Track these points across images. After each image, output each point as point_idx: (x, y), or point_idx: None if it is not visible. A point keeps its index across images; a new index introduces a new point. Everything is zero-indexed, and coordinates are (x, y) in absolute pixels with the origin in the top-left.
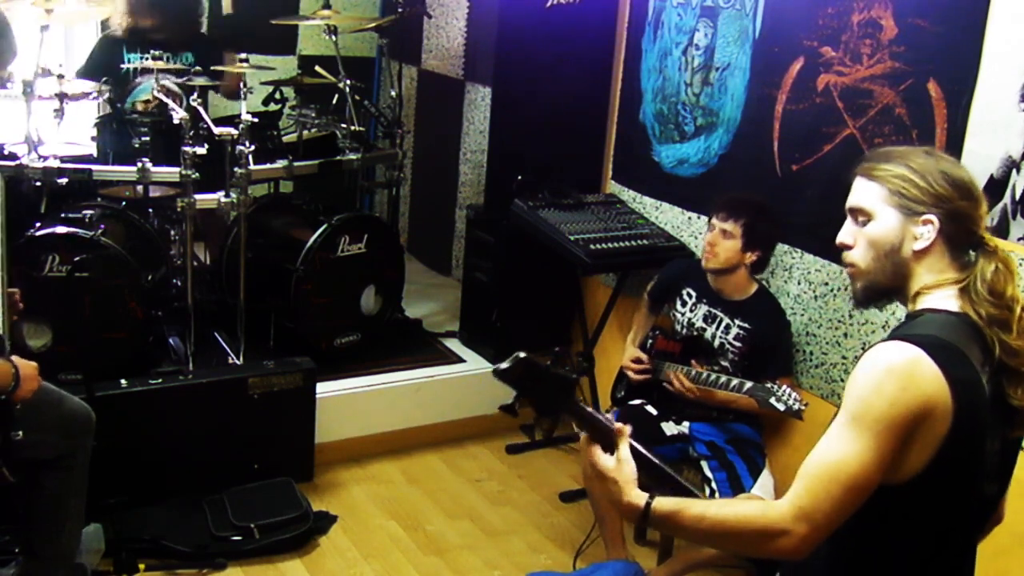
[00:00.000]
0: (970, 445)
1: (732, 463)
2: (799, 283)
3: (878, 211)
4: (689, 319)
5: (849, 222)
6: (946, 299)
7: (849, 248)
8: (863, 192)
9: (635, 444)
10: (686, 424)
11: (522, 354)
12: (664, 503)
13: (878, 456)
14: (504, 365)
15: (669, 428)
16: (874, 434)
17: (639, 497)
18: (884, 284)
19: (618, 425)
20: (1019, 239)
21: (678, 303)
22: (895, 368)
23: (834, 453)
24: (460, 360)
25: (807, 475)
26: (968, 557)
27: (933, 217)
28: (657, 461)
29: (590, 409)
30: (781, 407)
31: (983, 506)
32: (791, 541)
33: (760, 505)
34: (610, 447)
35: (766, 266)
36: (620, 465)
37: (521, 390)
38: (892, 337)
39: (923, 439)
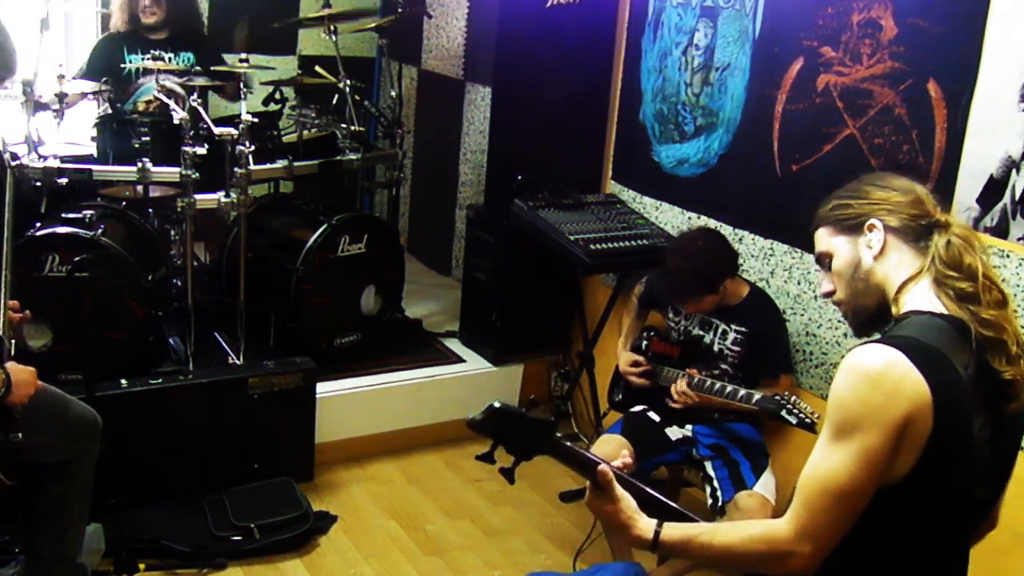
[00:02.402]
0: (954, 447)
1: (736, 460)
2: (799, 283)
3: (832, 246)
4: (685, 327)
5: (823, 273)
6: (924, 294)
7: (832, 294)
8: (818, 240)
9: (623, 476)
10: (689, 427)
11: (496, 404)
12: (672, 533)
13: (867, 464)
14: (478, 416)
15: (674, 433)
16: (860, 442)
17: (646, 529)
18: (868, 303)
19: (601, 467)
20: (1019, 239)
21: (670, 311)
22: (873, 373)
23: (825, 467)
24: (460, 360)
25: (802, 491)
26: (959, 560)
27: (874, 221)
28: (648, 489)
29: (571, 445)
30: (793, 420)
31: (975, 509)
32: (799, 561)
33: (762, 527)
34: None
35: (738, 264)
36: (618, 504)
37: (497, 439)
38: (875, 339)
39: (908, 442)
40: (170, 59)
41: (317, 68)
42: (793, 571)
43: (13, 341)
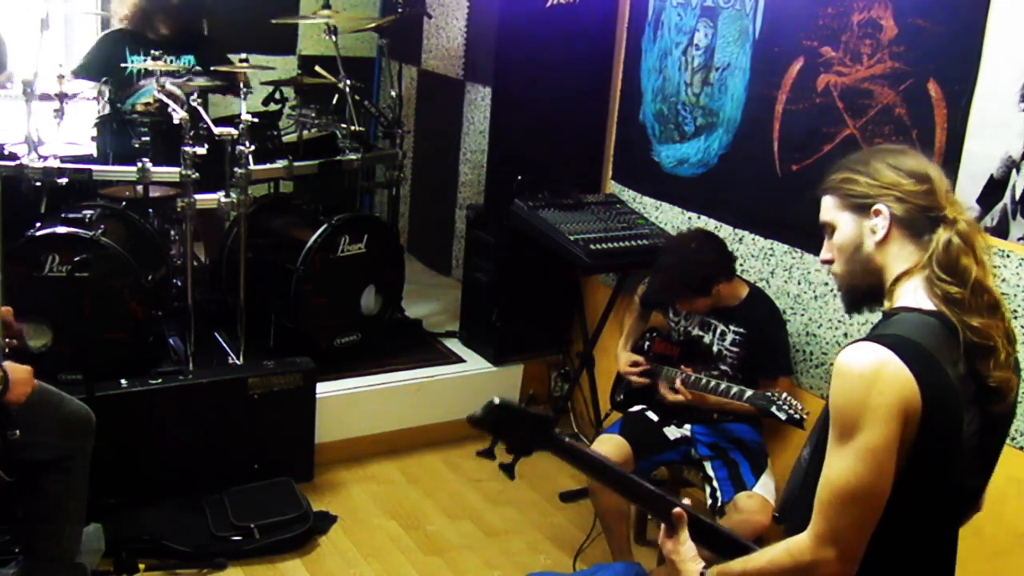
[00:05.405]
0: (944, 445)
1: (735, 461)
2: (799, 283)
3: (837, 219)
4: (685, 328)
5: (826, 239)
6: (916, 291)
7: (831, 263)
8: (824, 208)
9: (693, 513)
10: (688, 426)
11: (496, 400)
12: (712, 572)
13: (872, 461)
14: (478, 413)
15: (672, 432)
16: (861, 441)
17: (694, 572)
18: (860, 284)
19: (677, 510)
20: (1019, 239)
21: (670, 312)
22: (866, 373)
23: (833, 471)
24: (460, 360)
25: (817, 500)
26: (948, 546)
27: (881, 207)
28: (705, 519)
29: (571, 440)
30: (783, 416)
31: (964, 498)
32: (826, 568)
33: (784, 543)
34: (600, 474)
35: (735, 269)
36: (681, 546)
37: (497, 434)
38: (865, 337)
39: (901, 440)
40: (171, 61)
41: (317, 68)
42: None
43: (10, 340)
